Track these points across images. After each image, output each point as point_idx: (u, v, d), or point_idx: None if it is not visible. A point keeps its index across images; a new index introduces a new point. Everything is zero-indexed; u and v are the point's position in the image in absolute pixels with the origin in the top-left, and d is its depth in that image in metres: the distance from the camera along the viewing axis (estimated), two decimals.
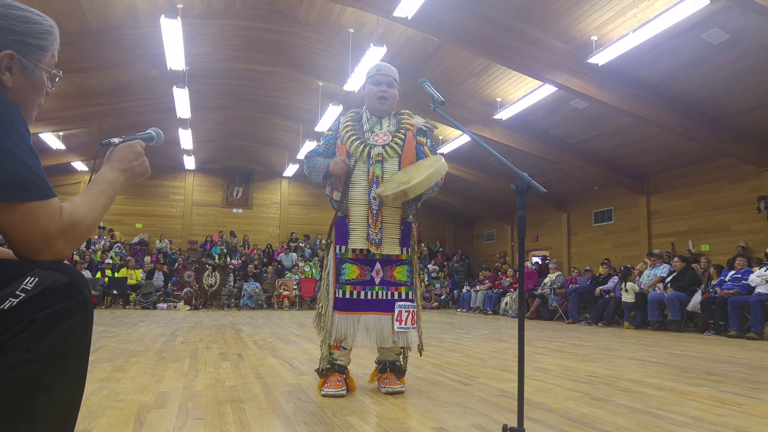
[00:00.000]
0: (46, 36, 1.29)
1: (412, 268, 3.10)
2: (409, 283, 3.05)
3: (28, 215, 1.11)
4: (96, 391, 2.88)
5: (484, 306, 13.78)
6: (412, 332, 2.99)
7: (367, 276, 2.99)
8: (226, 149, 18.04)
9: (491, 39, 8.29)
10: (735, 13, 6.87)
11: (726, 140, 9.57)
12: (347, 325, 2.91)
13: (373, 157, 3.00)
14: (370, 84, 3.16)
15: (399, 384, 2.97)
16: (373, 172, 2.99)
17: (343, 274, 2.98)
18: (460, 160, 14.41)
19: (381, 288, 2.99)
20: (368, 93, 3.16)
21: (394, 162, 3.03)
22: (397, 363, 3.07)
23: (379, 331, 2.92)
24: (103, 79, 11.56)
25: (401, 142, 3.05)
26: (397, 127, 3.13)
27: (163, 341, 5.62)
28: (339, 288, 2.97)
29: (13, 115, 1.14)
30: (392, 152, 3.03)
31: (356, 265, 2.99)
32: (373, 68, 3.20)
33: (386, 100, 3.12)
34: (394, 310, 2.93)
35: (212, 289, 14.05)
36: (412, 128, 3.14)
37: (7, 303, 1.07)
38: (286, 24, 9.87)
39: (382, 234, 2.98)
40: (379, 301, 2.96)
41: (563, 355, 5.01)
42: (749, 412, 2.64)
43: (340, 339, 2.92)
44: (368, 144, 3.04)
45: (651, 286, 9.16)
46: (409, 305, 2.97)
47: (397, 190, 2.78)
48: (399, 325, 2.92)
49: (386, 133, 3.09)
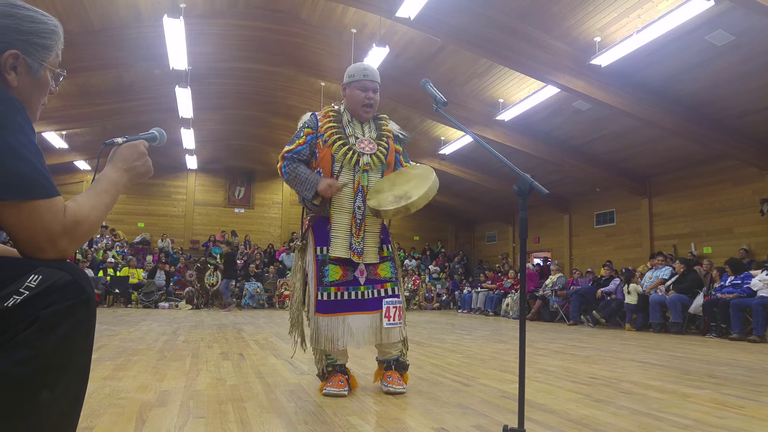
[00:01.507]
0: (50, 35, 1.30)
1: (395, 264, 3.10)
2: (394, 279, 3.04)
3: (32, 213, 1.11)
4: (98, 389, 2.88)
5: (485, 307, 13.77)
6: (399, 327, 2.99)
7: (350, 276, 2.96)
8: (228, 149, 18.07)
9: (494, 40, 8.29)
10: (740, 15, 6.85)
11: (729, 142, 9.55)
12: (333, 327, 2.88)
13: (361, 166, 2.97)
14: (357, 89, 3.05)
15: (401, 384, 2.97)
16: (359, 181, 2.96)
17: (326, 276, 2.94)
18: (461, 161, 14.41)
19: (367, 288, 2.97)
20: (353, 98, 3.07)
21: (378, 171, 3.02)
22: (400, 359, 3.07)
23: (366, 329, 2.91)
24: (106, 78, 11.58)
25: (386, 152, 3.05)
26: (378, 134, 3.11)
27: (165, 340, 5.62)
28: (322, 290, 2.92)
29: (17, 114, 1.15)
30: (378, 162, 3.01)
31: (339, 265, 2.96)
32: (358, 71, 3.08)
33: (371, 108, 3.09)
34: (381, 307, 2.93)
35: (214, 288, 14.07)
36: (391, 135, 3.15)
37: (11, 300, 1.07)
38: (288, 24, 9.88)
39: (364, 243, 2.97)
40: (366, 301, 2.95)
41: (564, 356, 5.00)
42: (750, 415, 2.63)
43: (327, 343, 2.88)
44: (356, 151, 2.98)
45: (652, 288, 9.15)
46: (395, 301, 2.97)
47: (398, 206, 2.75)
48: (387, 321, 2.91)
49: (370, 140, 3.05)
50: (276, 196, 19.84)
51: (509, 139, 11.49)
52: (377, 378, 3.15)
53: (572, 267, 14.32)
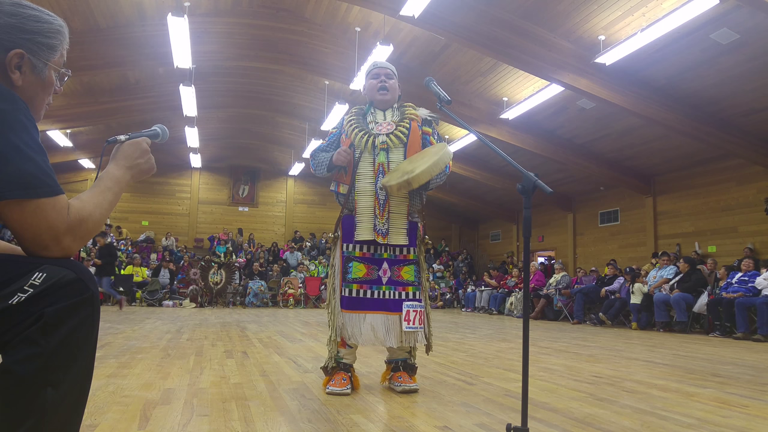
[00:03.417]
0: (55, 35, 1.30)
1: (420, 268, 3.08)
2: (417, 283, 3.03)
3: (36, 212, 1.12)
4: (102, 387, 2.89)
5: (489, 306, 13.76)
6: (420, 332, 2.98)
7: (374, 275, 2.97)
8: (233, 147, 18.10)
9: (498, 38, 8.27)
10: (745, 13, 6.82)
11: (734, 141, 9.51)
12: (353, 324, 2.91)
13: (378, 146, 2.99)
14: (370, 78, 3.18)
15: (412, 382, 2.97)
16: (378, 161, 2.98)
17: (350, 272, 2.97)
18: (465, 160, 14.40)
19: (388, 288, 2.97)
20: (369, 87, 3.18)
21: (399, 151, 3.01)
22: (408, 361, 3.07)
23: (385, 330, 2.91)
24: (110, 76, 11.61)
25: (406, 131, 3.04)
26: (401, 118, 3.13)
27: (169, 338, 5.64)
28: (345, 286, 2.97)
29: (22, 113, 1.15)
30: (397, 141, 3.01)
31: (363, 263, 2.98)
32: (370, 64, 3.25)
33: (387, 90, 3.13)
34: (401, 310, 2.92)
35: (218, 286, 14.11)
36: (417, 118, 3.13)
37: (15, 298, 1.08)
38: (292, 22, 9.89)
39: (389, 224, 2.97)
40: (387, 301, 2.95)
41: (568, 355, 5.00)
42: (754, 414, 2.63)
43: (347, 336, 2.92)
44: (371, 134, 3.03)
45: (657, 287, 9.13)
46: (416, 305, 2.95)
47: (400, 180, 2.77)
48: (407, 324, 2.91)
49: (390, 122, 3.09)
50: (280, 194, 19.86)
51: (513, 138, 11.47)
52: (384, 379, 3.16)
53: (576, 266, 14.30)
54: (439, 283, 17.15)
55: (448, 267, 18.54)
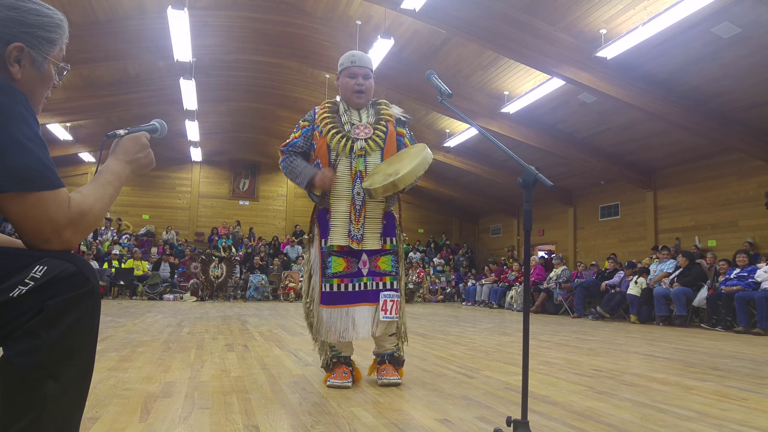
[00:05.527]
0: (55, 29, 1.30)
1: (397, 258, 3.07)
2: (394, 273, 3.02)
3: (37, 205, 1.12)
4: (103, 380, 2.90)
5: (489, 300, 13.78)
6: (396, 322, 2.99)
7: (354, 268, 2.96)
8: (233, 141, 18.08)
9: (499, 32, 8.24)
10: (746, 7, 6.79)
11: (735, 136, 9.50)
12: (336, 319, 2.89)
13: (356, 151, 2.96)
14: (346, 76, 3.08)
15: (396, 375, 2.98)
16: (355, 167, 2.95)
17: (329, 267, 2.95)
18: (466, 154, 14.38)
19: (368, 279, 2.97)
20: (344, 86, 3.09)
21: (376, 155, 2.98)
22: (395, 354, 3.08)
23: (367, 321, 2.92)
24: (110, 70, 11.59)
25: (383, 135, 3.01)
26: (377, 119, 3.08)
27: (170, 332, 5.66)
28: (326, 282, 2.94)
29: (21, 105, 1.15)
30: (375, 146, 2.98)
31: (342, 257, 2.97)
32: (347, 58, 3.11)
33: (363, 93, 3.08)
34: (379, 300, 2.93)
35: (218, 280, 14.13)
36: (392, 119, 3.10)
37: (16, 291, 1.08)
38: (293, 16, 9.85)
39: (363, 230, 2.96)
40: (368, 292, 2.95)
41: (568, 348, 5.01)
42: (753, 407, 2.64)
43: (330, 335, 2.89)
44: (350, 137, 2.98)
45: (656, 281, 9.14)
46: (393, 295, 2.95)
47: (386, 183, 2.74)
48: (384, 314, 2.91)
49: (366, 125, 3.04)
50: (281, 188, 19.86)
51: (514, 132, 11.45)
52: (371, 371, 3.17)
53: (576, 260, 14.31)
54: (439, 277, 17.17)
55: (448, 261, 18.56)
